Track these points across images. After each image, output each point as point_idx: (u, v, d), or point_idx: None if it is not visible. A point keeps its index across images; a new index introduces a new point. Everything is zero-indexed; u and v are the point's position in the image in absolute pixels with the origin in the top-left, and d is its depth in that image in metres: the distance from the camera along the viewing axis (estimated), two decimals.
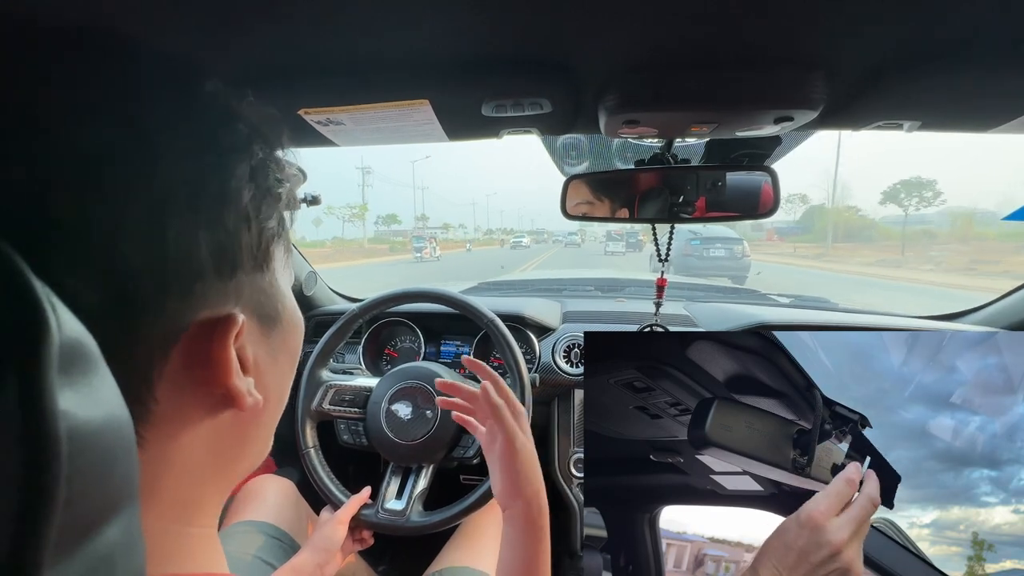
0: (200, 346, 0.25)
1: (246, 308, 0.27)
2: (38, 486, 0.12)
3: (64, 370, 0.14)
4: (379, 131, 0.68)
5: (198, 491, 0.28)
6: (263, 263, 0.28)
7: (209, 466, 0.28)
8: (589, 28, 0.47)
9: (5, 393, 0.12)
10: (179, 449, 0.26)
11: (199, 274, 0.24)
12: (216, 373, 0.26)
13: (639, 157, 0.86)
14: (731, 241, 10.74)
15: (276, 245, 0.29)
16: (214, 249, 0.24)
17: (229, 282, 0.26)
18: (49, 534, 0.13)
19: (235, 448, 0.30)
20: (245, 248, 0.26)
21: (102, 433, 0.15)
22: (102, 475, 0.15)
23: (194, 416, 0.26)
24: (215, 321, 0.25)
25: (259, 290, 0.28)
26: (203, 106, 0.26)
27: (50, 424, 0.13)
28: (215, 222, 0.24)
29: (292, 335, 0.33)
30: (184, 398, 0.25)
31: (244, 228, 0.26)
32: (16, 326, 0.13)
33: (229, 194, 0.25)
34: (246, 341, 0.27)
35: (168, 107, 0.24)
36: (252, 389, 0.28)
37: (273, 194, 0.28)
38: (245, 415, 0.28)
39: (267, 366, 0.30)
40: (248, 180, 0.26)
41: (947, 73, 0.52)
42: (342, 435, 0.99)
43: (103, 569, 0.15)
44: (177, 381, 0.24)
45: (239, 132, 0.26)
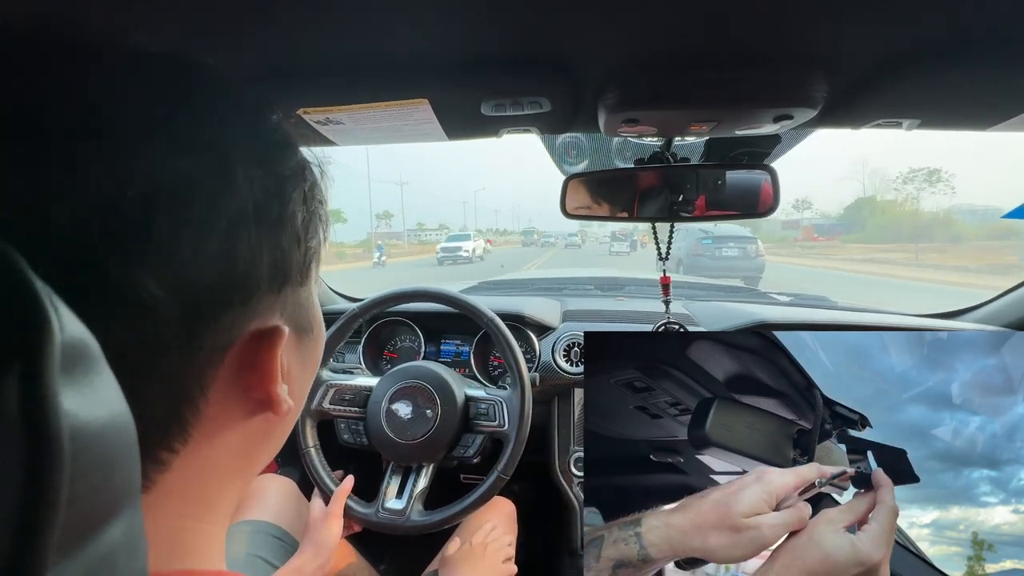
0: (250, 354, 0.27)
1: (288, 320, 0.29)
2: (40, 486, 0.12)
3: (66, 370, 0.14)
4: (378, 131, 0.68)
5: (220, 490, 0.30)
6: (304, 278, 0.30)
7: (233, 468, 0.30)
8: (588, 27, 0.47)
9: (7, 393, 0.12)
10: (214, 448, 0.27)
11: (257, 288, 0.26)
12: (263, 380, 0.27)
13: (639, 156, 0.86)
14: (744, 240, 10.33)
15: (316, 262, 0.32)
16: (271, 266, 0.26)
17: (279, 296, 0.28)
18: (51, 534, 0.13)
19: (259, 450, 0.32)
20: (294, 265, 0.28)
21: (104, 433, 0.15)
22: (104, 475, 0.15)
23: (235, 418, 0.28)
24: (265, 332, 0.27)
25: (299, 303, 0.31)
26: (269, 134, 0.28)
27: (52, 424, 0.13)
28: (274, 241, 0.26)
29: (319, 345, 0.35)
30: (230, 401, 0.27)
31: (295, 247, 0.28)
32: (18, 326, 0.13)
33: (286, 216, 0.27)
34: (284, 350, 0.29)
35: (242, 134, 0.26)
36: (286, 396, 0.29)
37: (318, 215, 0.30)
38: (273, 419, 0.30)
39: (297, 374, 0.32)
40: (301, 203, 0.28)
41: (946, 71, 0.52)
42: (342, 434, 0.99)
43: (105, 569, 0.15)
44: (227, 385, 0.26)
45: (297, 159, 0.29)
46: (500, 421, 0.92)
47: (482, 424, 0.93)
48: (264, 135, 0.28)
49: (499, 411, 0.92)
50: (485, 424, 0.93)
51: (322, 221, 0.31)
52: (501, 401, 0.93)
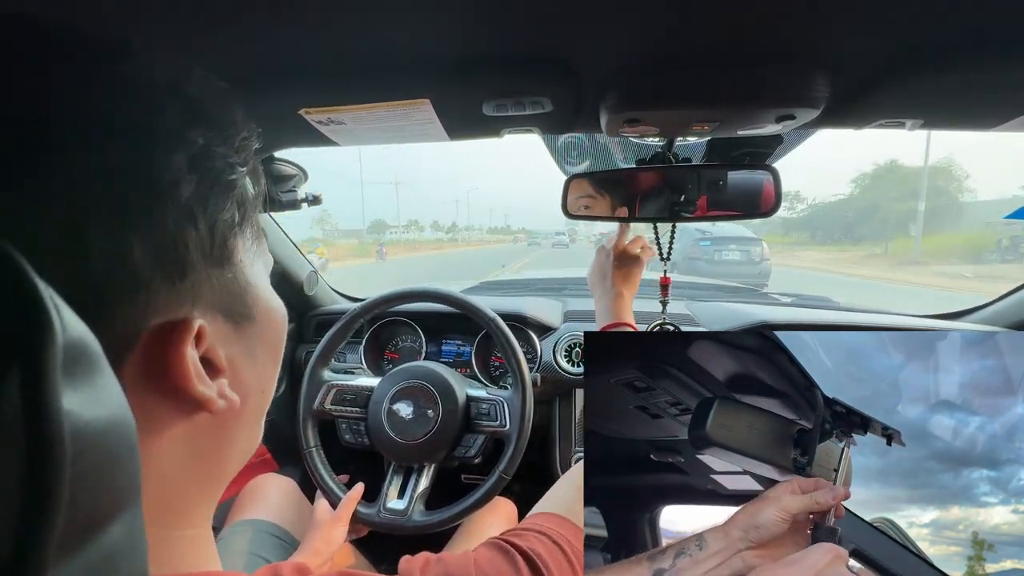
0: (155, 354, 0.24)
1: (209, 309, 0.26)
2: (41, 486, 0.13)
3: (67, 371, 0.14)
4: (380, 130, 0.68)
5: (182, 495, 0.28)
6: (222, 259, 0.26)
7: (190, 470, 0.28)
8: (590, 27, 0.47)
9: (8, 393, 0.12)
10: (154, 455, 0.25)
11: (140, 280, 0.22)
12: (175, 380, 0.24)
13: (640, 156, 0.86)
14: (747, 242, 9.09)
15: (238, 238, 0.27)
16: (153, 252, 0.22)
17: (181, 285, 0.24)
18: (52, 534, 0.13)
19: (216, 450, 0.29)
20: (194, 247, 0.24)
21: (105, 433, 0.15)
22: (105, 475, 0.15)
23: (164, 422, 0.25)
24: (168, 327, 0.24)
25: (222, 288, 0.27)
26: (114, 92, 0.23)
27: (54, 424, 0.13)
28: (147, 223, 0.22)
29: (270, 328, 0.31)
30: (148, 406, 0.24)
31: (190, 226, 0.24)
32: (19, 326, 0.13)
33: (163, 190, 0.22)
34: (215, 342, 0.26)
35: (66, 94, 0.21)
36: (226, 390, 0.27)
37: (223, 182, 0.25)
38: (224, 416, 0.27)
39: (244, 364, 0.29)
40: (188, 171, 0.23)
41: (949, 72, 0.52)
42: (344, 435, 0.99)
43: (106, 569, 0.15)
44: (140, 390, 0.23)
45: (169, 119, 0.24)
46: (501, 421, 0.92)
47: (483, 424, 0.93)
48: (107, 93, 0.22)
49: (500, 411, 0.92)
50: (486, 424, 0.93)
51: (234, 189, 0.26)
52: (502, 401, 0.93)
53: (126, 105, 0.23)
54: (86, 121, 0.21)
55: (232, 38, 0.47)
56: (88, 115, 0.21)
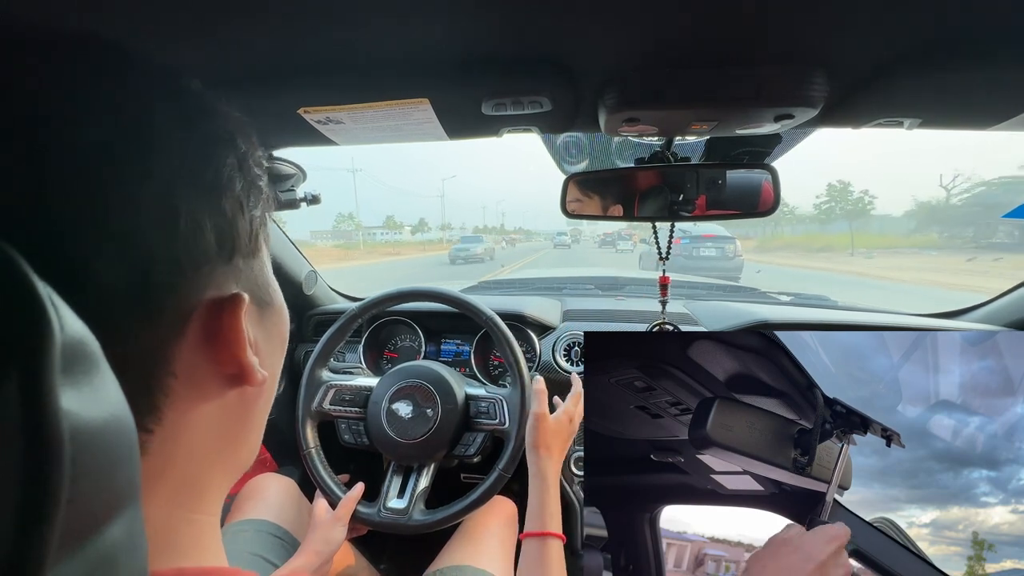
0: (212, 324, 0.26)
1: (246, 291, 0.29)
2: (41, 486, 0.13)
3: (66, 370, 0.14)
4: (379, 130, 0.68)
5: (205, 473, 0.29)
6: (254, 250, 0.30)
7: (215, 448, 0.30)
8: (589, 26, 0.47)
9: (7, 393, 0.12)
10: (191, 426, 0.27)
11: (206, 255, 0.26)
12: (230, 348, 0.27)
13: (639, 155, 0.86)
14: (722, 240, 10.14)
15: (263, 234, 0.32)
16: (217, 233, 0.26)
17: (230, 265, 0.28)
18: (52, 534, 0.13)
19: (239, 429, 0.31)
20: (241, 233, 0.28)
21: (105, 433, 0.15)
22: (105, 475, 0.15)
23: (208, 393, 0.28)
24: (224, 300, 0.27)
25: (253, 275, 0.30)
26: (187, 103, 0.27)
27: (53, 424, 0.13)
28: (215, 206, 0.26)
29: (282, 320, 0.35)
30: (199, 375, 0.26)
31: (239, 214, 0.28)
32: (18, 325, 0.13)
33: (222, 180, 0.27)
34: (248, 321, 0.29)
35: (157, 106, 0.26)
36: (259, 366, 0.29)
37: (257, 186, 0.30)
38: (249, 395, 0.30)
39: (264, 347, 0.32)
40: (237, 169, 0.28)
41: (948, 71, 0.52)
42: (343, 435, 0.99)
43: (105, 568, 0.15)
44: (193, 358, 0.26)
45: (221, 125, 0.28)
46: (501, 419, 0.92)
47: (483, 422, 0.93)
48: (184, 100, 0.27)
49: (499, 409, 0.92)
50: (486, 422, 0.93)
51: (263, 193, 0.31)
52: (501, 399, 0.93)
53: (195, 114, 0.27)
54: (174, 126, 0.26)
55: (231, 38, 0.47)
56: (171, 121, 0.26)
